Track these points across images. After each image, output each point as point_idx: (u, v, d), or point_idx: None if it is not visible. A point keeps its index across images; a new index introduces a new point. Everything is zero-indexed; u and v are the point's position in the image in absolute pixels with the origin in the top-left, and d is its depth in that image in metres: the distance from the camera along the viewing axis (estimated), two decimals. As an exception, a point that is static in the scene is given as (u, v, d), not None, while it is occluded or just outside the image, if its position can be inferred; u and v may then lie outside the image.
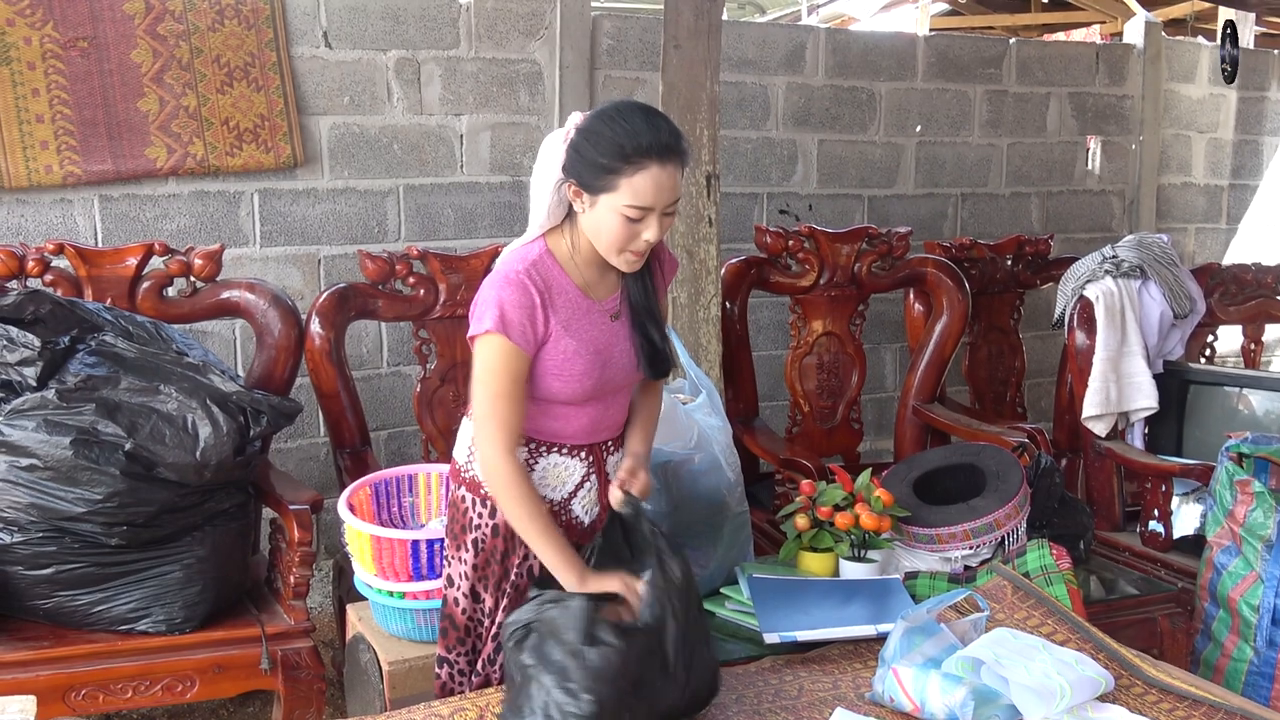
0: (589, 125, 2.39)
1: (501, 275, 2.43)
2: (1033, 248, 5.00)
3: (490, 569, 2.58)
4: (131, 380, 3.18)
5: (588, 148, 2.36)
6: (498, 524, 2.56)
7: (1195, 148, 6.90)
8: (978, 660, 2.51)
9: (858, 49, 5.83)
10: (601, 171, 2.35)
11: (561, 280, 2.46)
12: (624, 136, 2.34)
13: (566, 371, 2.45)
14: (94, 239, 4.38)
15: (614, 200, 2.35)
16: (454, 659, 2.65)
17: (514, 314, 2.38)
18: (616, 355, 2.53)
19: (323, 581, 4.50)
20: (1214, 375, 4.48)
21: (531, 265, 2.44)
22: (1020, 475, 3.46)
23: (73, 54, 4.25)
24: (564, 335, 2.44)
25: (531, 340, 2.41)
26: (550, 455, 2.55)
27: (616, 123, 2.36)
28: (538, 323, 2.40)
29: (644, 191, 2.34)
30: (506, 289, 2.40)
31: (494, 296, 2.40)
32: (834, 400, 4.60)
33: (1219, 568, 3.48)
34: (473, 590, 2.60)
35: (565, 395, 2.49)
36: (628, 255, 2.42)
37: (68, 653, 3.11)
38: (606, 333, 2.51)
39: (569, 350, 2.45)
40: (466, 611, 2.62)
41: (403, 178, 4.87)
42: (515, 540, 2.55)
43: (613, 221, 2.37)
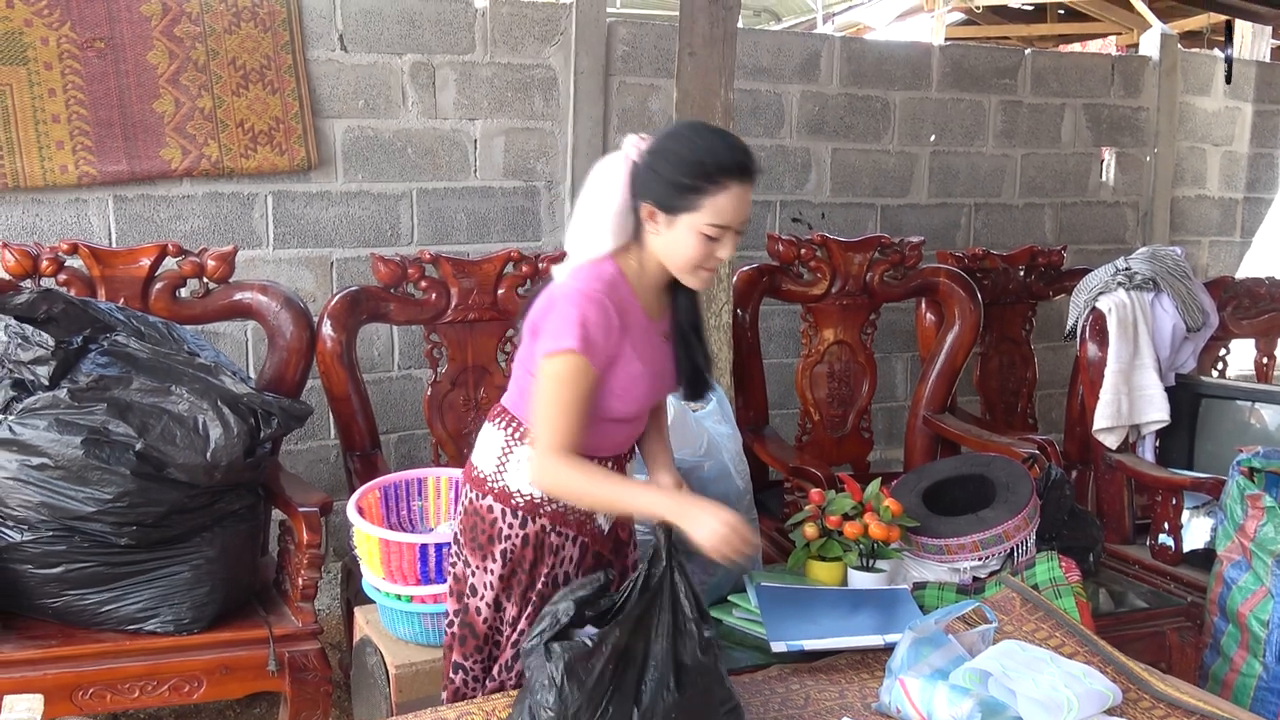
0: (664, 146, 2.39)
1: (580, 293, 2.38)
2: (1046, 259, 4.99)
3: (517, 578, 2.58)
4: (143, 381, 3.19)
5: (667, 169, 2.36)
6: (528, 534, 2.56)
7: (1210, 160, 6.89)
8: (985, 672, 2.51)
9: (872, 58, 5.83)
10: (684, 191, 2.35)
11: (632, 301, 2.45)
12: (705, 155, 2.35)
13: (630, 393, 2.47)
14: (108, 239, 4.39)
15: (695, 219, 2.35)
16: (470, 665, 2.64)
17: (597, 335, 2.36)
18: (667, 375, 2.56)
19: (331, 584, 4.51)
20: (1226, 389, 4.47)
21: (609, 285, 2.41)
22: (1030, 487, 3.44)
23: (89, 54, 4.26)
24: (634, 359, 2.44)
25: (605, 360, 2.40)
26: None
27: (693, 142, 2.37)
28: (613, 344, 2.39)
29: (726, 210, 2.35)
30: (590, 308, 2.36)
31: (575, 315, 2.35)
32: (844, 409, 4.59)
33: (1229, 582, 3.47)
34: (496, 600, 2.60)
35: (620, 414, 2.49)
36: (702, 273, 2.43)
37: (76, 652, 3.11)
38: (662, 353, 2.53)
39: (635, 373, 2.45)
40: (488, 621, 2.61)
41: (416, 181, 4.88)
42: (545, 549, 2.57)
43: (691, 241, 2.37)
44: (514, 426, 2.56)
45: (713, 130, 2.43)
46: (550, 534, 2.57)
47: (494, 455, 2.59)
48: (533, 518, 2.56)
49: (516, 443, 2.55)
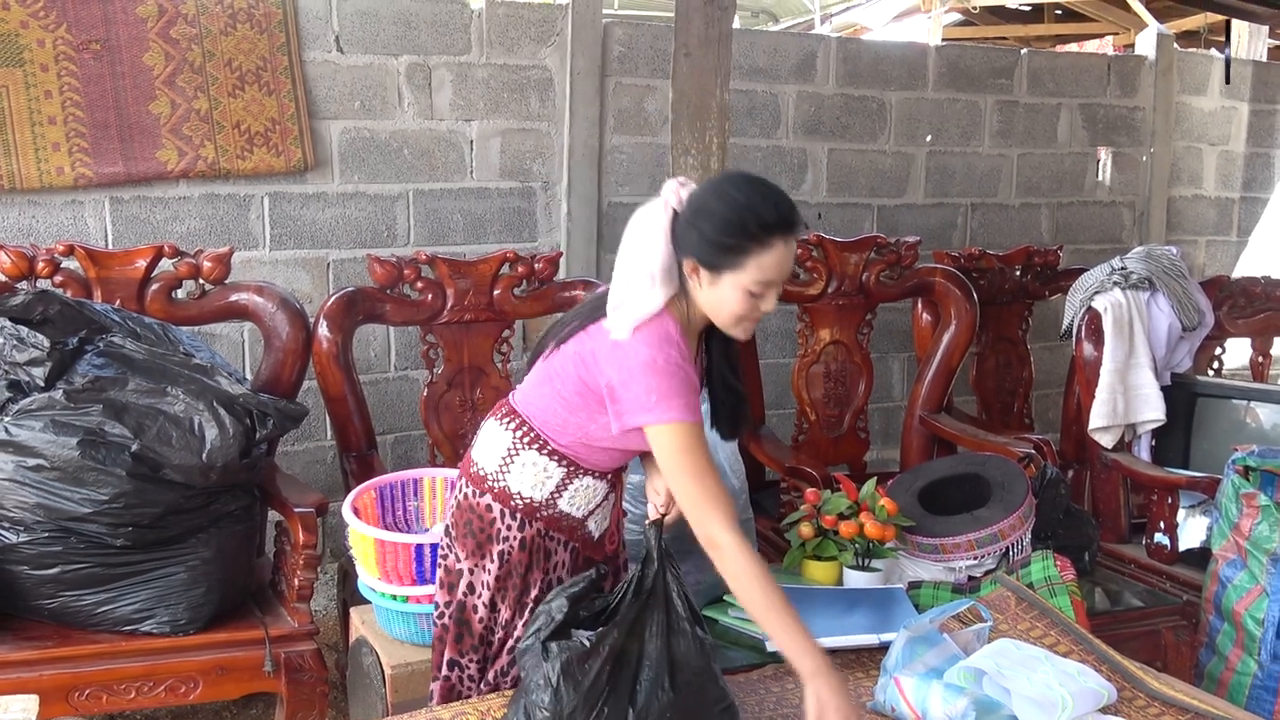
0: (706, 203, 2.36)
1: (664, 359, 2.35)
2: (1042, 258, 5.00)
3: (511, 581, 2.59)
4: (139, 382, 3.20)
5: (709, 227, 2.33)
6: (525, 538, 2.57)
7: (1206, 160, 6.89)
8: (980, 670, 2.51)
9: (868, 58, 5.84)
10: (728, 251, 2.33)
11: (689, 353, 2.42)
12: (747, 214, 2.33)
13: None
14: (104, 241, 4.39)
15: (739, 278, 2.34)
16: (465, 663, 2.65)
17: (692, 399, 2.35)
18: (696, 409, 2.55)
19: (328, 585, 4.51)
20: (1222, 388, 4.47)
21: (679, 347, 2.37)
22: (1025, 486, 3.45)
23: (85, 56, 4.26)
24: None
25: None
26: (584, 478, 2.57)
27: (735, 200, 2.34)
28: (698, 399, 2.39)
29: (770, 268, 2.34)
30: (681, 375, 2.35)
31: (670, 386, 2.34)
32: (841, 409, 4.60)
33: (1224, 581, 3.48)
34: (492, 601, 2.60)
35: (638, 448, 2.50)
36: (746, 324, 2.42)
37: (72, 653, 3.12)
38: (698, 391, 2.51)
39: None
40: (484, 620, 2.62)
41: (412, 182, 4.88)
42: (540, 555, 2.58)
43: (735, 297, 2.36)
44: (524, 430, 2.56)
45: (755, 184, 2.38)
46: (545, 538, 2.58)
47: (498, 455, 2.58)
48: (530, 521, 2.56)
49: (524, 447, 2.55)
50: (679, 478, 2.36)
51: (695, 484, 2.34)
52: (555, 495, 2.55)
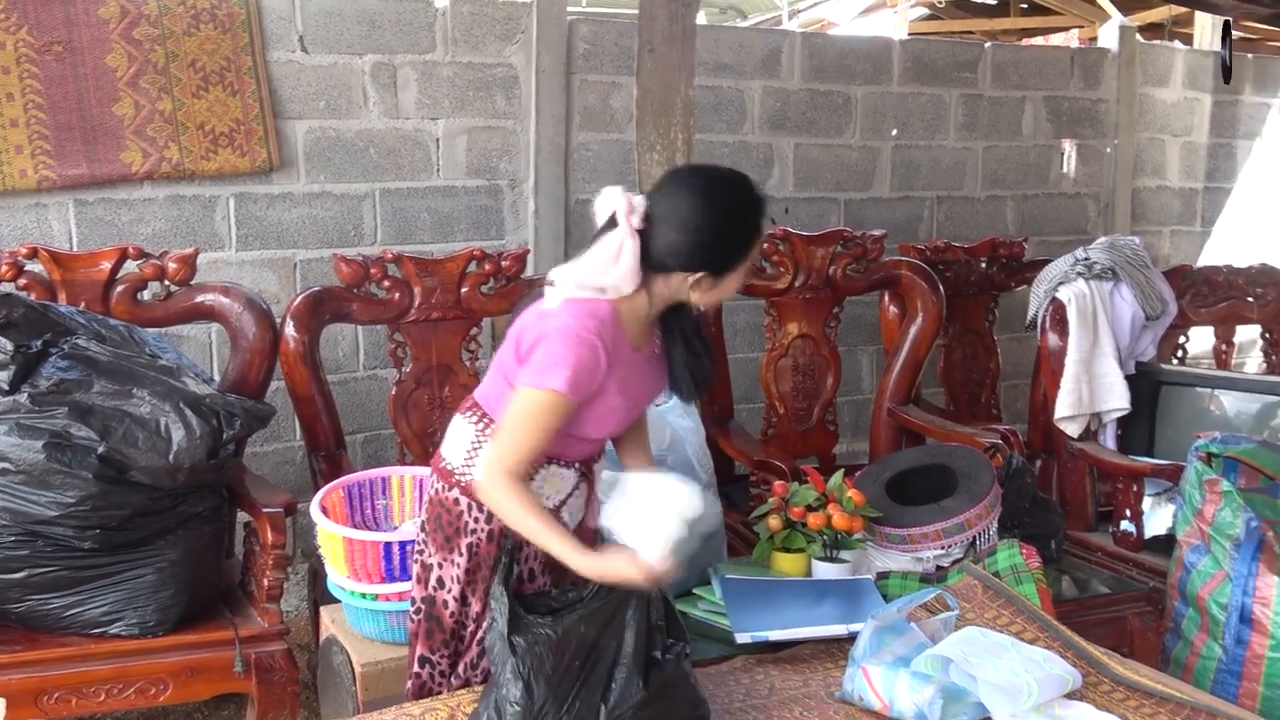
0: (708, 221, 2.44)
1: (575, 334, 2.40)
2: (1007, 250, 5.02)
3: (480, 574, 2.59)
4: (104, 384, 3.18)
5: (725, 246, 2.46)
6: (493, 530, 2.57)
7: (1170, 151, 6.93)
8: (946, 659, 2.53)
9: (833, 53, 5.85)
10: (739, 254, 2.48)
11: (622, 340, 2.47)
12: (750, 215, 2.48)
13: (605, 421, 2.54)
14: (69, 243, 4.37)
15: (743, 267, 2.51)
16: (437, 659, 2.66)
17: (584, 378, 2.39)
18: (645, 397, 2.63)
19: (299, 585, 4.49)
20: (1185, 376, 4.53)
21: (603, 324, 2.42)
22: (991, 476, 3.48)
23: (47, 58, 4.23)
24: (615, 394, 2.48)
25: (586, 398, 2.44)
26: (550, 466, 2.58)
27: (737, 209, 2.47)
28: (597, 383, 2.42)
29: (759, 247, 2.62)
30: (584, 351, 2.39)
31: (567, 356, 2.38)
32: (809, 402, 4.61)
33: (1188, 567, 3.51)
34: (462, 594, 2.61)
35: (594, 437, 2.58)
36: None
37: (40, 656, 3.10)
38: (647, 377, 2.59)
39: (614, 405, 2.50)
40: (455, 615, 2.63)
41: (379, 182, 4.87)
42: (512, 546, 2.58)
43: (735, 284, 2.54)
44: (485, 422, 2.58)
45: (734, 183, 2.49)
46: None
47: (463, 448, 2.61)
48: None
49: (487, 438, 2.56)
50: (511, 422, 2.43)
51: (521, 440, 2.41)
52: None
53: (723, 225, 2.44)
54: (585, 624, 2.33)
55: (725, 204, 2.44)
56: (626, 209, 2.43)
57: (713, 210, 2.43)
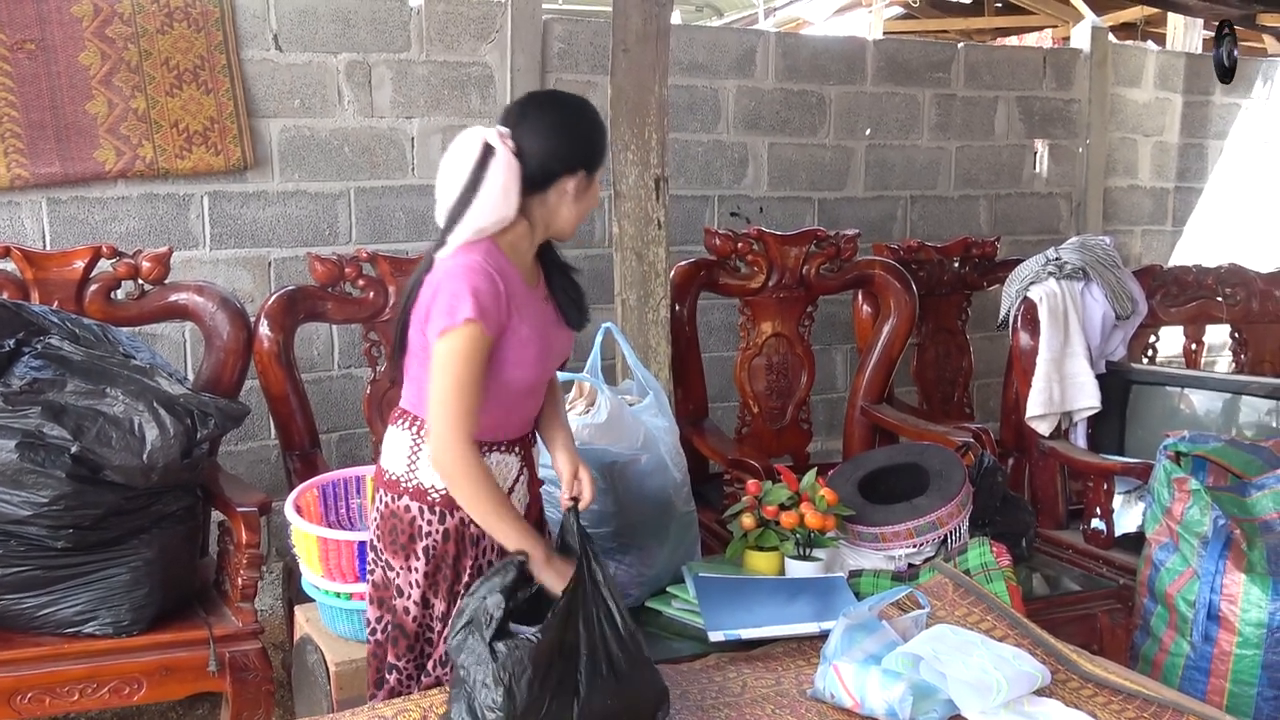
0: (573, 120, 2.56)
1: (464, 268, 2.44)
2: (980, 250, 5.05)
3: (442, 574, 2.59)
4: (78, 383, 3.18)
5: (590, 134, 2.57)
6: (448, 529, 2.57)
7: (1141, 151, 6.98)
8: (917, 656, 2.54)
9: (807, 53, 5.87)
10: (603, 155, 2.60)
11: (511, 272, 2.51)
12: (598, 115, 2.60)
13: (524, 359, 2.52)
14: (42, 242, 4.36)
15: (601, 171, 2.59)
16: (404, 665, 2.65)
17: (488, 302, 2.42)
18: (552, 337, 2.63)
19: (273, 584, 4.49)
20: (1155, 375, 4.56)
21: (488, 256, 2.47)
22: (963, 474, 3.49)
23: (20, 56, 4.22)
24: (521, 323, 2.50)
25: (498, 329, 2.45)
26: (492, 455, 2.58)
27: (589, 109, 2.59)
28: (503, 311, 2.45)
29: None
30: (477, 279, 2.42)
31: (465, 288, 2.41)
32: (783, 401, 4.62)
33: (1157, 564, 3.53)
34: (424, 598, 2.60)
35: (520, 384, 2.55)
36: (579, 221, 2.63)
37: (13, 656, 3.10)
38: (543, 315, 2.61)
39: (524, 337, 2.50)
40: (417, 619, 2.62)
41: (354, 180, 4.87)
42: (466, 543, 2.59)
43: (596, 193, 2.59)
44: (417, 425, 2.58)
45: (572, 94, 2.67)
46: (470, 525, 2.58)
47: (403, 456, 2.60)
48: (450, 511, 2.57)
49: (425, 440, 2.56)
50: (439, 382, 2.44)
51: (454, 392, 2.43)
52: None
53: (590, 120, 2.58)
54: (549, 628, 2.34)
55: (585, 106, 2.60)
56: (499, 135, 2.48)
57: (579, 110, 2.58)
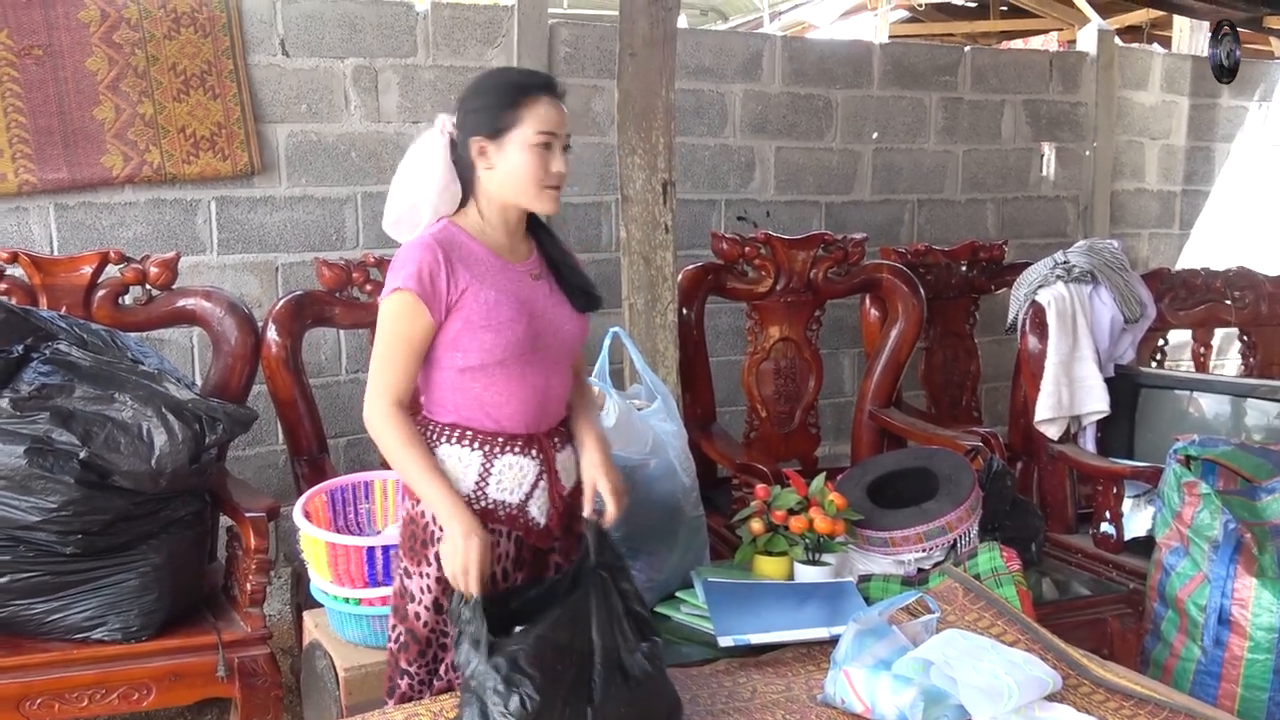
0: (475, 87, 2.59)
1: (407, 245, 2.53)
2: (987, 253, 5.03)
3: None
4: (86, 389, 3.17)
5: (485, 99, 2.52)
6: None
7: (1148, 154, 6.97)
8: (927, 661, 2.53)
9: (814, 57, 5.87)
10: (507, 108, 2.48)
11: (470, 244, 2.54)
12: (515, 77, 2.61)
13: (494, 319, 2.49)
14: (49, 247, 4.36)
15: (523, 134, 2.48)
16: (415, 671, 2.64)
17: (426, 273, 2.45)
18: (544, 309, 2.59)
19: (282, 589, 4.48)
20: (1164, 379, 4.54)
21: (438, 234, 2.52)
22: (972, 478, 3.48)
23: (27, 62, 4.22)
24: (481, 288, 2.49)
25: (436, 299, 2.46)
26: (505, 456, 2.55)
27: (499, 74, 2.65)
28: (441, 280, 2.46)
29: (547, 117, 2.49)
30: (418, 251, 2.48)
31: (400, 261, 2.49)
32: (791, 405, 4.61)
33: (1168, 569, 3.51)
34: (435, 602, 2.59)
35: (501, 349, 2.50)
36: (548, 191, 2.53)
37: (22, 661, 3.09)
38: (529, 288, 2.58)
39: (490, 300, 2.49)
40: (429, 624, 2.61)
41: (361, 185, 4.87)
42: None
43: (525, 158, 2.49)
44: (430, 426, 2.58)
45: (515, 67, 2.69)
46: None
47: None
48: None
49: (437, 442, 2.55)
50: (378, 345, 2.53)
51: (384, 355, 2.51)
52: (482, 484, 2.54)
53: (484, 83, 2.58)
54: (555, 630, 2.33)
55: (490, 74, 2.66)
56: (444, 121, 2.57)
57: (480, 78, 2.63)
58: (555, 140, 2.51)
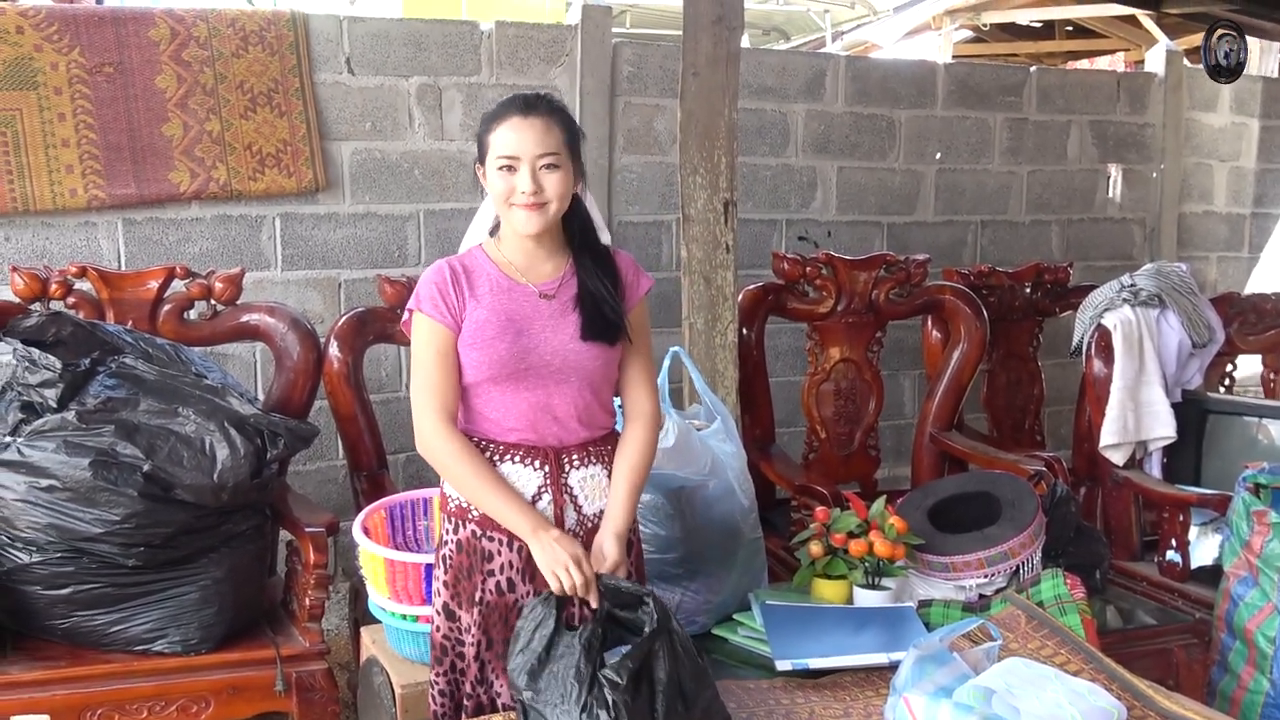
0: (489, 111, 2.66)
1: (437, 268, 2.64)
2: (1052, 275, 4.98)
3: (462, 585, 2.61)
4: (150, 402, 3.19)
5: (485, 127, 2.62)
6: (461, 540, 2.60)
7: (1217, 176, 6.88)
8: (989, 690, 2.49)
9: (877, 76, 5.84)
10: (484, 134, 2.60)
11: (484, 266, 2.63)
12: (497, 105, 2.64)
13: (479, 338, 2.55)
14: (117, 262, 4.41)
15: (491, 159, 2.57)
16: (434, 678, 2.67)
17: (427, 290, 2.58)
18: (536, 330, 2.59)
19: (340, 604, 4.51)
20: (1233, 405, 4.46)
21: (455, 258, 2.66)
22: (1035, 504, 3.43)
23: (98, 79, 4.29)
24: (477, 307, 2.58)
25: (447, 314, 2.57)
26: (505, 464, 2.59)
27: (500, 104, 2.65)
28: (450, 297, 2.57)
29: (505, 139, 2.55)
30: (428, 273, 2.62)
31: (421, 284, 2.62)
32: (851, 427, 4.58)
33: (1235, 599, 3.45)
34: (446, 607, 2.63)
35: (485, 367, 2.55)
36: (516, 210, 2.57)
37: (84, 672, 3.11)
38: (528, 307, 2.61)
39: (479, 319, 2.56)
40: (442, 629, 2.64)
41: (423, 203, 4.90)
42: (478, 556, 2.59)
43: (493, 180, 2.58)
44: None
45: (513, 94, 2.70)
46: (481, 540, 2.59)
47: None
48: (462, 523, 2.61)
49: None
50: (415, 371, 2.61)
51: (417, 373, 2.60)
52: None
53: (488, 113, 2.65)
54: (645, 659, 2.33)
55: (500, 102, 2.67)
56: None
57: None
58: (518, 162, 2.54)
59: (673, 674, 2.34)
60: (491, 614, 2.58)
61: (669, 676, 2.34)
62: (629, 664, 2.28)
